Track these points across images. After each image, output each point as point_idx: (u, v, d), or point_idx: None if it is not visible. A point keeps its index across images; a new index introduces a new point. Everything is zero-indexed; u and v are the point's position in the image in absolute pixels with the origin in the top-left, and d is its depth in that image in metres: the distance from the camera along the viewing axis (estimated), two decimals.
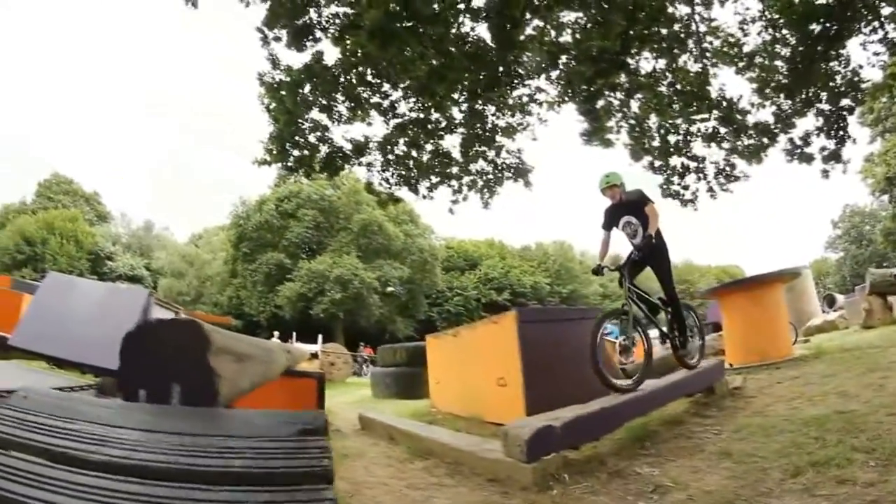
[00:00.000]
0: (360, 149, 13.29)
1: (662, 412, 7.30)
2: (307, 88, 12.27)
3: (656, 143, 14.39)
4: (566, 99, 13.70)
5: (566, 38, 13.01)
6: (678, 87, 13.71)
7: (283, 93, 12.15)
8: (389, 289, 56.78)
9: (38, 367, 11.59)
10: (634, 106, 14.12)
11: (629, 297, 7.58)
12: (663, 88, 13.76)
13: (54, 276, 15.58)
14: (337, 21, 11.99)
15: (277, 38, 12.07)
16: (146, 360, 3.94)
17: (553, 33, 12.99)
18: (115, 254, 70.90)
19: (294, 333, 34.56)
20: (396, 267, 59.09)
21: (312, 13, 11.90)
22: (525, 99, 13.73)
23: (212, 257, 67.90)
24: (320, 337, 31.09)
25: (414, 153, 13.59)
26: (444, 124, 13.53)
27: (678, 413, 7.48)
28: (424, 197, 14.08)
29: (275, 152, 12.87)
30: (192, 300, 60.91)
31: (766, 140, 13.71)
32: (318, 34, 12.01)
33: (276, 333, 37.82)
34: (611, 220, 8.34)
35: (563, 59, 12.92)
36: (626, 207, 8.08)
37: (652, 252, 7.80)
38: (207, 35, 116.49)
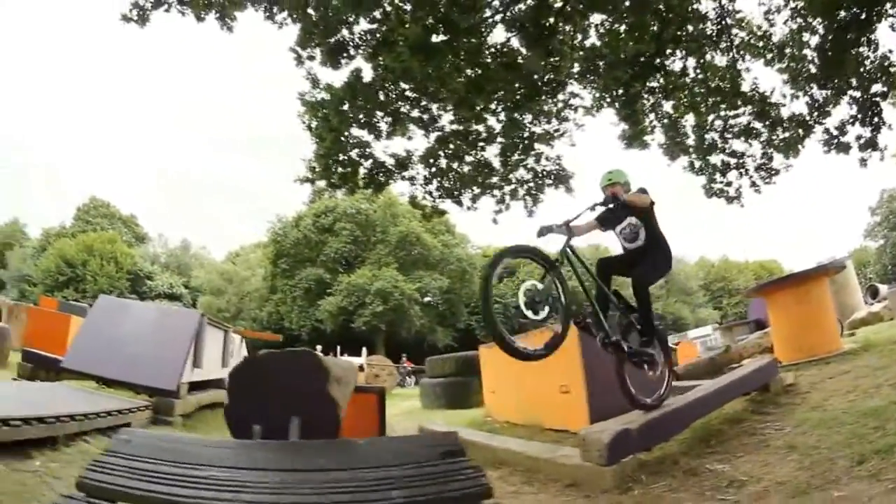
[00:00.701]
0: (403, 163, 13.35)
1: (721, 412, 7.29)
2: (347, 105, 12.35)
3: (692, 142, 14.32)
4: (604, 104, 13.70)
5: (598, 42, 13.03)
6: (710, 84, 13.67)
7: (327, 111, 12.26)
8: (427, 299, 56.55)
9: (88, 386, 11.75)
10: (667, 106, 14.10)
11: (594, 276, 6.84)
12: (696, 86, 13.71)
13: (105, 299, 15.76)
14: (370, 38, 12.12)
15: (311, 58, 12.24)
16: (259, 395, 3.86)
17: (587, 41, 13.04)
18: (153, 273, 72.02)
19: (339, 347, 34.59)
20: (436, 277, 59.06)
21: (345, 31, 12.08)
22: (561, 105, 13.72)
23: (250, 274, 68.20)
24: (364, 350, 31.11)
25: (455, 165, 13.61)
26: (483, 135, 13.55)
27: (737, 411, 7.46)
28: (469, 208, 14.09)
29: (318, 170, 13.00)
30: (231, 317, 61.09)
31: (801, 132, 13.60)
32: (353, 52, 12.17)
33: (319, 347, 38.06)
34: (612, 221, 7.29)
35: (600, 64, 12.93)
36: (629, 210, 7.02)
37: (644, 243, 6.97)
38: (237, 49, 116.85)
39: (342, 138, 12.65)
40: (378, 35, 11.99)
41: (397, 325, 55.79)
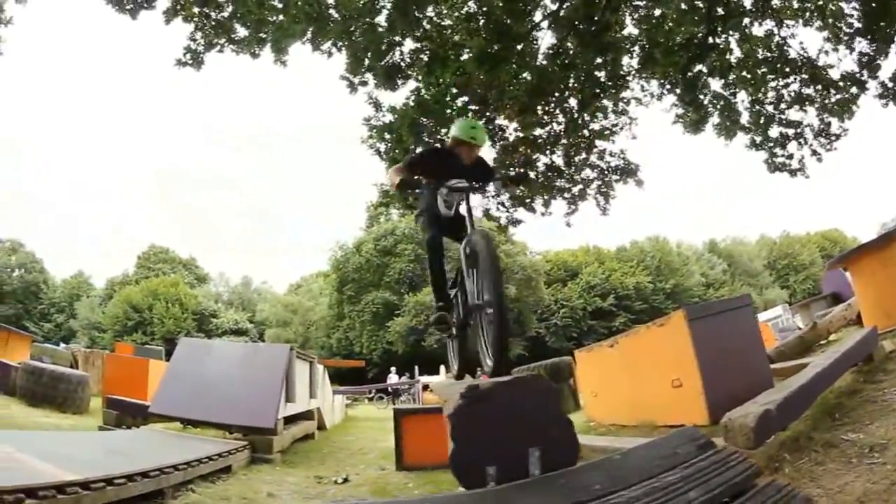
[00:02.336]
0: None
1: (832, 386, 7.03)
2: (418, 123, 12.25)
3: (747, 119, 13.93)
4: (665, 92, 13.42)
5: (649, 29, 12.77)
6: (758, 55, 13.29)
7: (400, 131, 12.15)
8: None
9: (172, 428, 11.76)
10: (716, 85, 13.75)
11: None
12: (746, 61, 13.37)
13: (187, 342, 15.88)
14: (419, 57, 12.01)
15: (364, 83, 12.16)
16: (491, 431, 3.52)
17: (637, 30, 12.80)
18: (218, 311, 73.10)
19: (416, 367, 34.51)
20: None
21: (396, 54, 11.97)
22: (620, 100, 13.45)
23: (314, 303, 68.76)
24: (442, 368, 30.88)
25: (526, 171, 13.38)
26: (545, 138, 13.33)
27: (848, 384, 7.19)
28: (542, 214, 13.80)
29: (392, 192, 12.90)
30: (299, 346, 61.63)
31: (855, 90, 13.09)
32: (408, 71, 12.07)
33: (394, 369, 38.04)
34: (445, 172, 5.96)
35: (656, 52, 12.64)
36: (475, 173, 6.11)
37: None
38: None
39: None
40: (427, 52, 11.85)
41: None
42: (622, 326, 50.95)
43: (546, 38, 12.42)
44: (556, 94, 12.61)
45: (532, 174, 13.45)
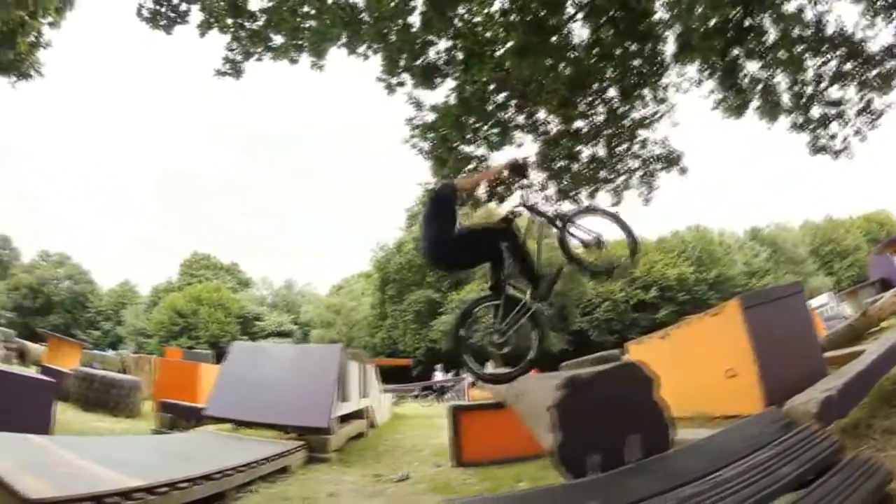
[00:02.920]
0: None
1: (887, 374, 6.95)
2: (462, 121, 12.27)
3: (787, 101, 13.73)
4: (704, 77, 13.29)
5: (680, 15, 12.64)
6: (792, 35, 13.08)
7: (443, 130, 12.19)
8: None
9: (224, 430, 11.88)
10: (754, 67, 13.56)
11: None
12: (781, 41, 13.16)
13: (240, 345, 16.06)
14: (454, 55, 12.01)
15: (401, 84, 12.20)
16: (592, 421, 3.53)
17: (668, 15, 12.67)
18: (262, 314, 73.77)
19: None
20: None
21: (432, 53, 11.99)
22: (661, 86, 13.34)
23: (356, 304, 68.90)
24: (489, 363, 30.86)
25: (568, 164, 13.34)
26: (586, 130, 13.27)
27: None
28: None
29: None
30: (343, 346, 61.81)
31: (894, 63, 12.82)
32: (445, 69, 12.08)
33: (439, 366, 37.96)
34: None
35: (694, 38, 12.52)
36: None
37: None
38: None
39: (460, 156, 12.58)
40: (462, 50, 11.85)
41: None
42: (665, 319, 49.76)
43: (580, 30, 12.37)
44: (595, 85, 12.53)
45: (575, 166, 13.43)
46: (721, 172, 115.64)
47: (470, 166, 12.83)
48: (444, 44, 12.05)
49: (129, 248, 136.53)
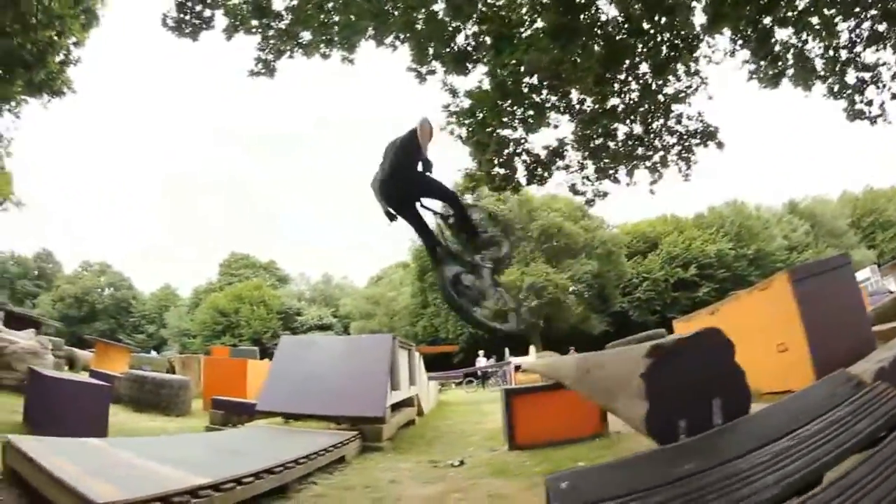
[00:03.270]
0: (557, 152, 13.15)
1: None
2: (500, 105, 12.25)
3: (822, 67, 13.50)
4: (738, 48, 13.12)
5: None
6: None
7: (483, 114, 12.20)
8: (572, 289, 55.17)
9: (273, 423, 12.00)
10: (785, 34, 13.34)
11: None
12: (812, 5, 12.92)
13: (288, 339, 16.22)
14: (483, 39, 11.99)
15: (431, 72, 12.21)
16: (678, 387, 3.60)
17: None
18: (302, 309, 74.32)
19: (507, 349, 34.32)
20: (584, 263, 56.77)
21: (460, 39, 11.98)
22: (693, 58, 13.18)
23: (396, 294, 68.96)
24: (532, 348, 30.73)
25: (607, 142, 13.26)
26: (622, 108, 13.17)
27: None
28: (627, 185, 13.68)
29: (481, 175, 12.97)
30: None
31: None
32: (475, 55, 12.05)
33: (482, 352, 37.91)
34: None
35: (724, 8, 12.35)
36: None
37: None
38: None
39: (500, 139, 12.57)
40: (490, 34, 11.81)
41: (554, 319, 54.11)
42: (705, 297, 50.19)
43: (609, 7, 12.27)
44: (627, 62, 12.44)
45: (612, 144, 13.34)
46: (756, 145, 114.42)
47: (508, 150, 12.83)
48: (471, 28, 12.04)
49: (154, 254, 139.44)
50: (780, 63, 13.17)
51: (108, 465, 5.87)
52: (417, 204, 6.78)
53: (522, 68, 11.91)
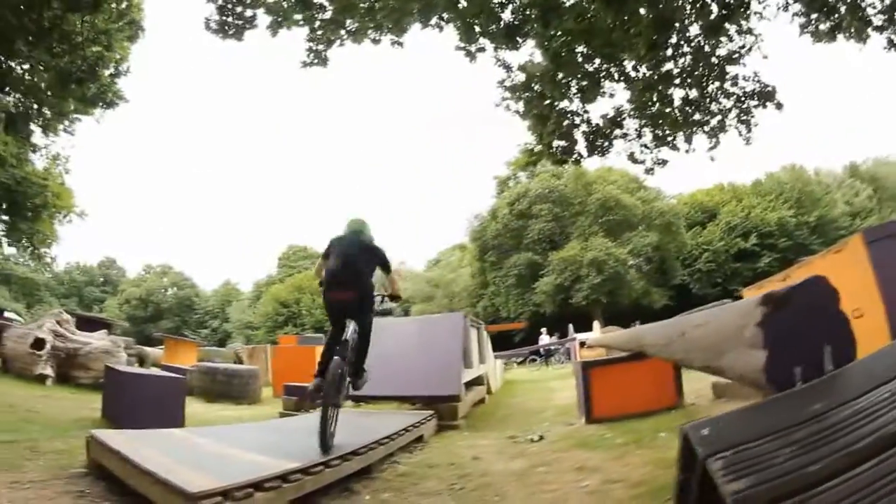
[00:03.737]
0: (615, 121, 13.02)
1: None
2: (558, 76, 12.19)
3: (879, 17, 13.06)
4: (790, 1, 12.83)
5: None
6: None
7: (541, 87, 12.14)
8: (631, 262, 54.29)
9: (347, 408, 12.12)
10: None
11: None
12: None
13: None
14: (530, 13, 11.89)
15: (481, 49, 12.16)
16: (794, 335, 3.59)
17: None
18: None
19: (570, 325, 34.11)
20: (643, 235, 55.55)
21: (506, 14, 11.90)
22: (745, 16, 12.90)
23: (455, 275, 69.00)
24: (596, 323, 30.52)
25: (664, 109, 13.07)
26: (676, 72, 12.97)
27: None
28: (686, 151, 13.48)
29: (540, 149, 12.92)
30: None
31: None
32: (524, 28, 11.98)
33: (544, 330, 37.78)
34: None
35: None
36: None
37: None
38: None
39: (560, 111, 12.51)
40: (537, 6, 11.72)
41: (616, 294, 53.07)
42: (767, 268, 48.83)
43: None
44: (678, 25, 12.24)
45: (669, 110, 13.16)
46: (812, 105, 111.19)
47: (568, 121, 12.74)
48: (517, 2, 11.98)
49: (214, 251, 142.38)
50: (834, 15, 12.83)
51: (194, 454, 5.98)
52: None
53: (573, 38, 11.82)
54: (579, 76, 12.35)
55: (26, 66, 18.54)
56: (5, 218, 25.12)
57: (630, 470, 5.80)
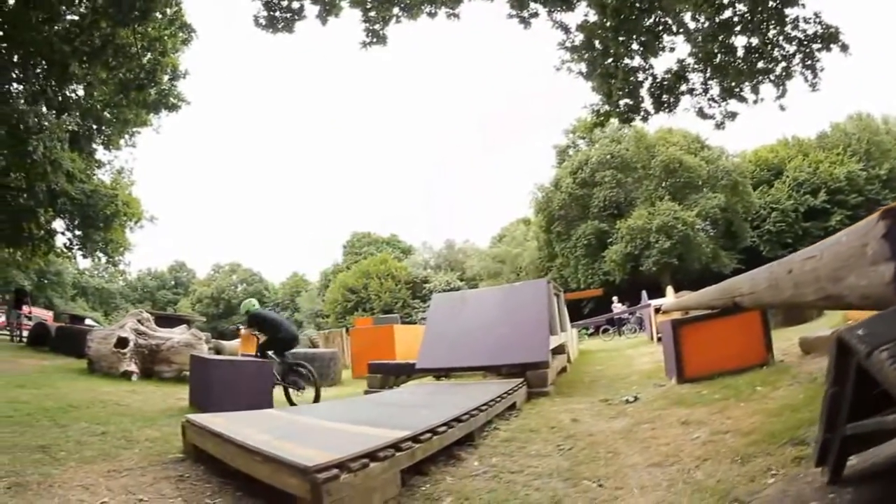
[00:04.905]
0: (680, 76, 12.80)
1: None
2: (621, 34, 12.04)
3: None
4: None
5: None
6: None
7: (607, 44, 12.01)
8: (699, 225, 51.94)
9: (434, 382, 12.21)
10: None
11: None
12: None
13: (440, 296, 16.47)
14: None
15: (534, 14, 12.05)
16: None
17: None
18: (428, 276, 75.37)
19: (644, 291, 33.70)
20: (710, 197, 53.35)
21: None
22: None
23: (520, 250, 68.65)
24: (669, 288, 30.02)
25: (727, 58, 12.80)
26: (736, 19, 12.66)
27: None
28: (755, 102, 13.15)
29: (607, 109, 12.79)
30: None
31: None
32: None
33: (616, 298, 37.41)
34: None
35: None
36: None
37: None
38: None
39: (625, 68, 12.36)
40: None
41: (686, 259, 51.45)
42: (839, 226, 44.99)
43: None
44: None
45: (732, 60, 12.88)
46: (877, 49, 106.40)
47: (633, 78, 12.57)
48: None
49: (279, 245, 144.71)
50: None
51: (297, 431, 6.04)
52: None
53: None
54: (638, 32, 12.16)
55: (81, 92, 19.28)
56: (78, 232, 25.88)
57: (736, 421, 5.73)
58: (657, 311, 22.31)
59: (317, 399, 11.73)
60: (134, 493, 4.71)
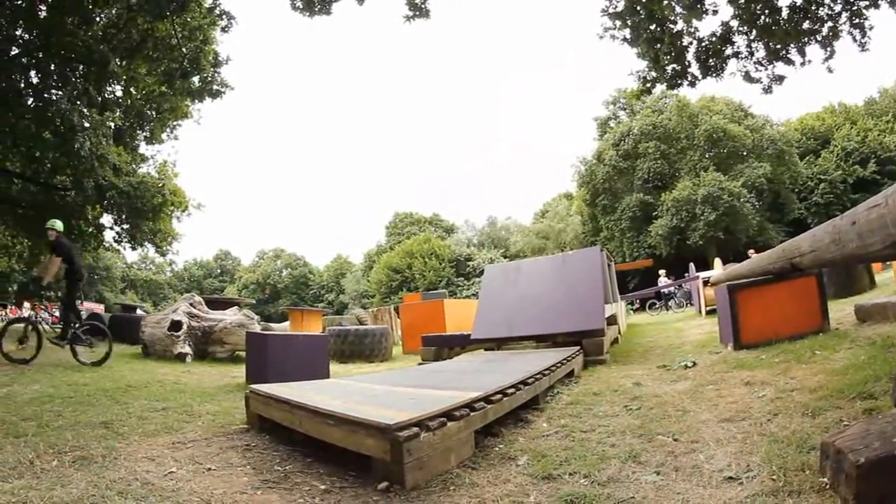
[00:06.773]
0: (725, 38, 12.66)
1: None
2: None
3: None
4: None
5: None
6: None
7: (646, 9, 11.94)
8: (745, 197, 50.74)
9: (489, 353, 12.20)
10: None
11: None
12: None
13: (493, 267, 16.58)
14: None
15: None
16: None
17: None
18: (472, 254, 75.49)
19: (691, 264, 33.41)
20: (755, 167, 52.36)
21: None
22: None
23: (564, 225, 68.55)
24: (717, 261, 29.73)
25: (772, 18, 12.60)
26: None
27: None
28: (802, 64, 12.98)
29: (653, 75, 12.72)
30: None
31: None
32: None
33: (663, 272, 37.10)
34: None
35: None
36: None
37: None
38: None
39: (671, 32, 12.28)
40: None
41: (732, 230, 50.51)
42: None
43: None
44: None
45: (777, 20, 12.70)
46: None
47: (679, 41, 12.49)
48: None
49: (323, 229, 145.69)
50: None
51: (366, 395, 6.04)
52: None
53: None
54: None
55: (119, 92, 19.71)
56: (126, 225, 26.40)
57: (801, 381, 5.79)
58: (706, 283, 22.17)
59: (105, 358, 12.53)
60: (201, 463, 4.79)
